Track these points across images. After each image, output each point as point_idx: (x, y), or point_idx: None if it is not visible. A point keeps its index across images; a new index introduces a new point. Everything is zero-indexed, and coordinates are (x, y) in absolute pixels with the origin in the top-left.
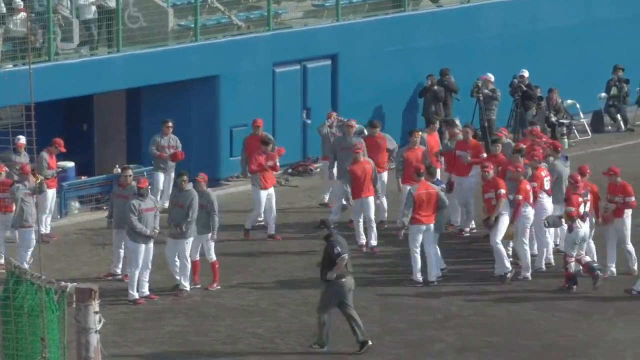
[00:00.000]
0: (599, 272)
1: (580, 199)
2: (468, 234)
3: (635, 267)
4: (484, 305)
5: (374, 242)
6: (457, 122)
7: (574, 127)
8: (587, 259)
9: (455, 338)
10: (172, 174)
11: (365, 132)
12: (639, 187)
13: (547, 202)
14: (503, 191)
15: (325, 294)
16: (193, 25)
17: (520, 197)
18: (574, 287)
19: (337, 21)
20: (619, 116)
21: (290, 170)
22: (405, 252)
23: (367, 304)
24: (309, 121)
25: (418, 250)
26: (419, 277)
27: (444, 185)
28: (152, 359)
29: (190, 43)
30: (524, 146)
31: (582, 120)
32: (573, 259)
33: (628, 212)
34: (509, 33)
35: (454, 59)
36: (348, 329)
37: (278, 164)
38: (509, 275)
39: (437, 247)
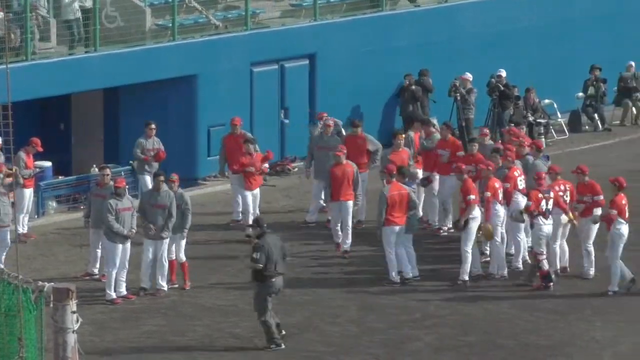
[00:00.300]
0: (550, 284)
1: (541, 195)
2: (445, 233)
3: (592, 272)
4: (461, 304)
5: (347, 247)
6: (435, 121)
7: (551, 127)
8: (546, 265)
9: (432, 337)
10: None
11: (343, 131)
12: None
13: (522, 201)
14: (472, 197)
15: (257, 296)
16: (170, 25)
17: (489, 193)
18: (550, 284)
19: (314, 21)
20: (596, 116)
21: (268, 170)
22: (383, 252)
23: (344, 304)
24: (286, 121)
25: (393, 250)
26: (395, 277)
27: (414, 187)
28: (129, 358)
29: (168, 43)
30: (501, 147)
31: (559, 119)
32: (544, 256)
33: (597, 212)
34: (487, 33)
35: (432, 59)
36: (323, 326)
37: (266, 165)
38: (467, 282)
39: (411, 247)
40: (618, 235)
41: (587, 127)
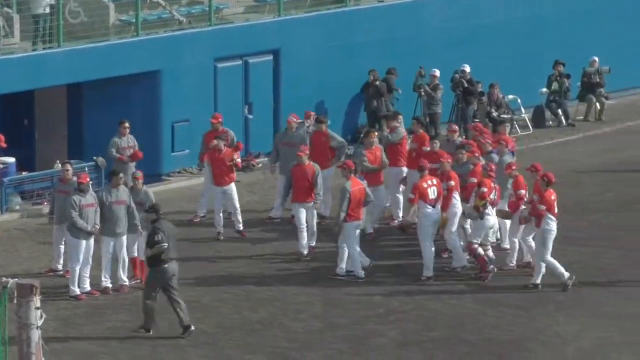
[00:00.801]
0: (491, 267)
1: (493, 185)
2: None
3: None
4: (425, 299)
5: (312, 243)
6: (400, 117)
7: (515, 122)
8: (490, 253)
9: (396, 332)
10: None
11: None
12: (580, 181)
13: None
14: (412, 196)
15: (149, 280)
16: (134, 20)
17: (453, 182)
18: (492, 269)
19: (278, 16)
20: (560, 111)
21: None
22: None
23: (308, 300)
24: (250, 116)
25: (358, 246)
26: (360, 272)
27: (365, 182)
28: (93, 354)
29: (131, 38)
30: (468, 143)
31: (523, 115)
32: (476, 245)
33: (523, 209)
34: (451, 28)
35: (396, 55)
36: (287, 322)
37: (238, 159)
38: (431, 279)
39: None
40: (548, 232)
41: (550, 122)
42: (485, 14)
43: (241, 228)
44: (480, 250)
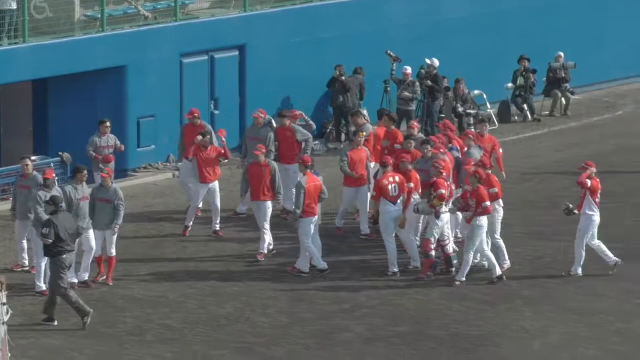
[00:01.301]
0: (454, 267)
1: (447, 183)
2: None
3: (507, 264)
4: (391, 295)
5: (264, 250)
6: (365, 112)
7: (480, 117)
8: (449, 248)
9: (363, 328)
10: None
11: (273, 123)
12: (546, 176)
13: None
14: (373, 193)
15: (52, 272)
16: (99, 16)
17: (412, 184)
18: (431, 275)
19: (244, 11)
20: (525, 106)
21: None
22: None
23: (274, 295)
24: (216, 112)
25: (310, 240)
26: (323, 263)
27: (321, 177)
28: (59, 349)
29: (97, 34)
30: (432, 138)
31: (489, 110)
32: (433, 245)
33: (497, 204)
34: (415, 23)
35: (361, 50)
36: (254, 316)
37: (227, 150)
38: (397, 274)
39: (318, 237)
40: (478, 227)
41: (516, 117)
42: (450, 9)
43: (218, 228)
44: (433, 253)
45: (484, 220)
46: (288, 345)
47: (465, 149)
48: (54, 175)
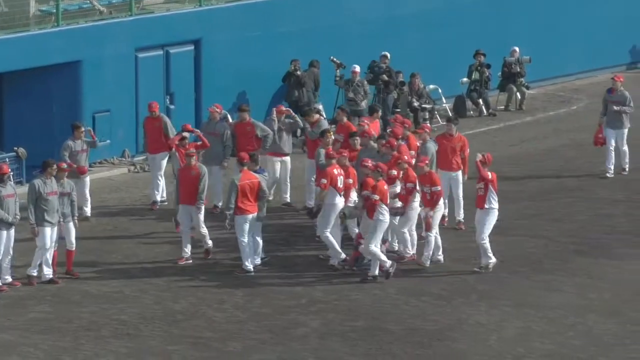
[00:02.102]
0: (390, 268)
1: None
2: None
3: (440, 258)
4: (348, 289)
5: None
6: (320, 107)
7: (436, 112)
8: (384, 247)
9: (319, 323)
10: (86, 179)
11: (229, 118)
12: (501, 171)
13: (397, 188)
14: (324, 181)
15: None
16: (55, 11)
17: (351, 180)
18: (355, 269)
19: (199, 6)
20: (480, 101)
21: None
22: (267, 238)
23: (230, 290)
24: (172, 106)
25: (246, 239)
26: (249, 265)
27: (266, 174)
28: (15, 345)
29: (52, 28)
30: (386, 134)
31: (444, 105)
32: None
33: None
34: (371, 18)
35: (317, 45)
36: (209, 312)
37: (204, 139)
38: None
39: (260, 235)
40: (379, 222)
41: (471, 112)
42: (406, 4)
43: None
44: (361, 249)
45: (387, 214)
46: (244, 340)
47: (421, 142)
48: (8, 170)
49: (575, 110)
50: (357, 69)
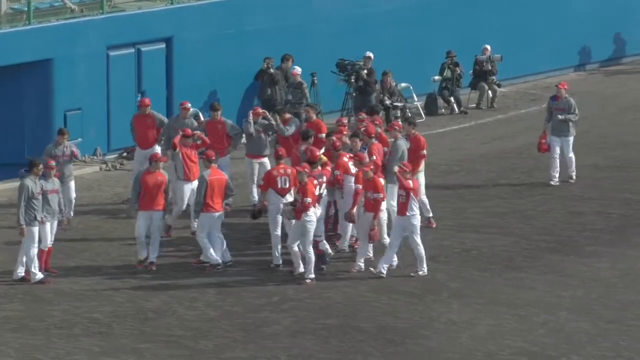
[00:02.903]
0: (324, 267)
1: (316, 182)
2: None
3: (395, 262)
4: (319, 287)
5: (153, 259)
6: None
7: (407, 110)
8: (325, 246)
9: (291, 320)
10: (71, 183)
11: (201, 116)
12: (472, 169)
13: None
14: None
15: None
16: (26, 9)
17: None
18: (324, 267)
19: (171, 4)
20: (452, 99)
21: (125, 154)
22: (238, 237)
23: (202, 288)
24: None
25: (205, 235)
26: (217, 258)
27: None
28: None
29: (23, 27)
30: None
31: (416, 103)
32: (320, 237)
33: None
34: (343, 16)
35: (289, 43)
36: (181, 310)
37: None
38: (279, 266)
39: (220, 233)
40: (309, 223)
41: (443, 110)
42: (378, 2)
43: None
44: (324, 244)
45: (313, 216)
46: (216, 338)
47: (392, 140)
48: (55, 167)
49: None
50: (298, 70)
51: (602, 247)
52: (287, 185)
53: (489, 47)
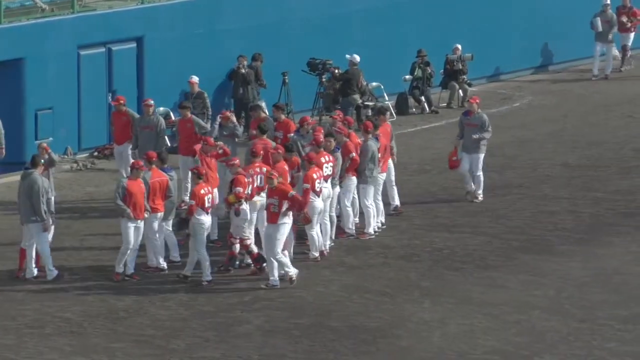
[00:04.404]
0: (263, 265)
1: (247, 180)
2: None
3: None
4: (291, 287)
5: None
6: (263, 104)
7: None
8: (255, 248)
9: (263, 320)
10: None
11: (172, 115)
12: (444, 168)
13: (326, 187)
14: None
15: None
16: None
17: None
18: (231, 269)
19: (142, 4)
20: (423, 98)
21: (96, 154)
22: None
23: (174, 287)
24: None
25: (157, 237)
26: (162, 263)
27: (172, 174)
28: None
29: None
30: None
31: (387, 102)
32: (237, 239)
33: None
34: (315, 16)
35: (261, 42)
36: (153, 309)
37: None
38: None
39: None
40: (199, 225)
41: (414, 109)
42: (350, 1)
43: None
44: (237, 247)
45: (206, 219)
46: (188, 337)
47: (363, 140)
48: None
49: (517, 107)
50: (195, 79)
51: (573, 246)
52: (263, 184)
53: (459, 46)
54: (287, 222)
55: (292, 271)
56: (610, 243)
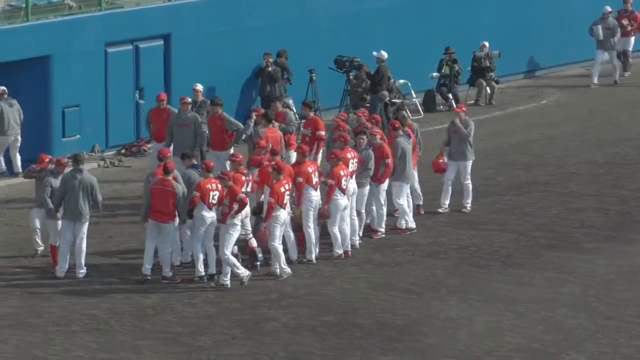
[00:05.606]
0: (259, 263)
1: (244, 178)
2: None
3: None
4: (318, 284)
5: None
6: (290, 101)
7: (406, 107)
8: (254, 243)
9: (289, 317)
10: None
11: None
12: (471, 165)
13: (352, 184)
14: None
15: None
16: (24, 5)
17: (301, 179)
18: (257, 263)
19: (169, 1)
20: (450, 95)
21: (123, 151)
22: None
23: (201, 285)
24: (142, 101)
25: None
26: (147, 270)
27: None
28: None
29: (22, 23)
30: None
31: (414, 99)
32: (249, 234)
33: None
34: (340, 12)
35: (286, 39)
36: (180, 307)
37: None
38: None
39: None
40: (199, 219)
41: (441, 107)
42: None
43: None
44: (253, 241)
45: (208, 215)
46: (214, 335)
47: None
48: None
49: (545, 104)
50: (199, 87)
51: (600, 244)
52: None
53: (487, 43)
54: (236, 224)
55: (243, 272)
56: (637, 240)
